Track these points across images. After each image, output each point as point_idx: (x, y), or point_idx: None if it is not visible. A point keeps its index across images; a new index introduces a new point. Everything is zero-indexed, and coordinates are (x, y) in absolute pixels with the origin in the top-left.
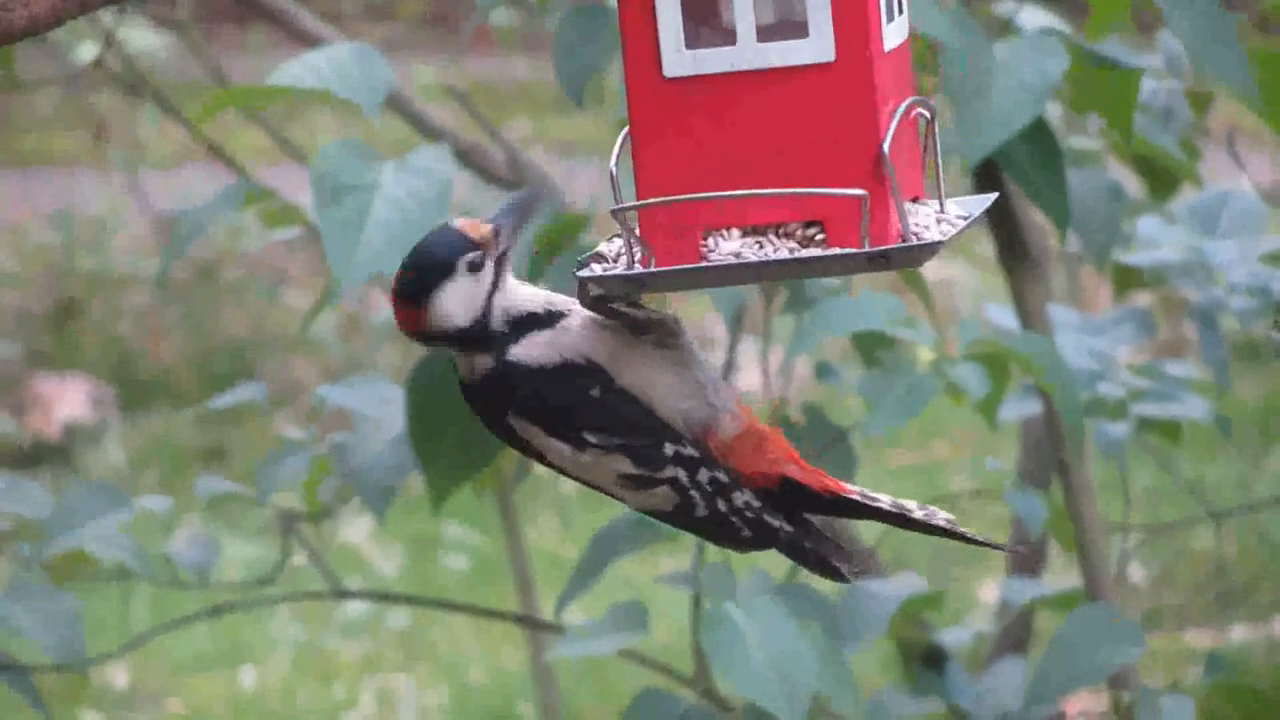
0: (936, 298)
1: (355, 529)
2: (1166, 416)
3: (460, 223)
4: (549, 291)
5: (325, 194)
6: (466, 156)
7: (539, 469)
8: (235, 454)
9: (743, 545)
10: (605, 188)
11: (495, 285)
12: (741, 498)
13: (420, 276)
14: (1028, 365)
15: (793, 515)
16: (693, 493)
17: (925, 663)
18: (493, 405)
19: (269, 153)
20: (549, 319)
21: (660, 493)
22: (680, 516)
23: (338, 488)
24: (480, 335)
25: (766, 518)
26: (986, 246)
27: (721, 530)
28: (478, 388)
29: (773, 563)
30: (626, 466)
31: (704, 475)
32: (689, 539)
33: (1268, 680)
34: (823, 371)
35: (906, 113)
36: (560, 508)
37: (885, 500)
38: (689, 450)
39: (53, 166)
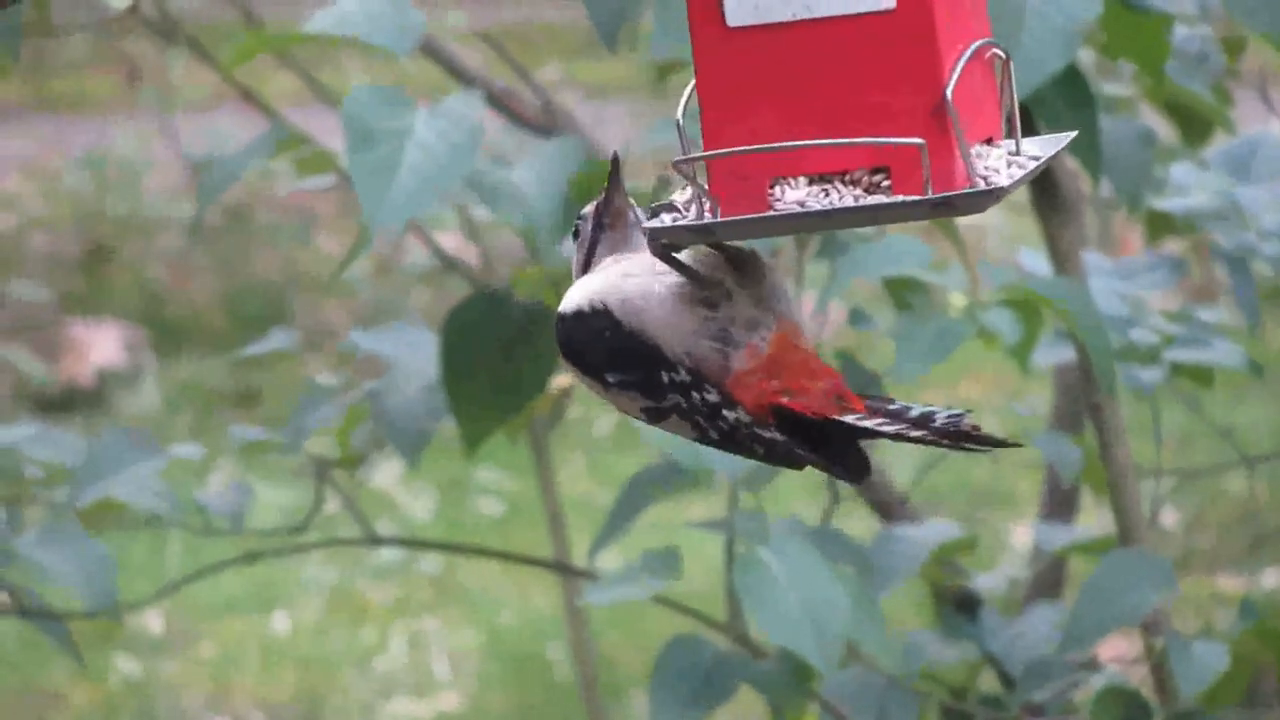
0: (969, 242)
1: (386, 473)
2: (1198, 361)
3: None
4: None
5: (357, 139)
6: (498, 101)
7: (570, 414)
8: (267, 397)
9: (763, 460)
10: (637, 131)
11: (592, 248)
12: (731, 415)
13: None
14: (1060, 310)
15: (794, 429)
16: (696, 417)
17: (958, 607)
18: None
19: (300, 95)
20: (583, 272)
21: (674, 421)
22: (706, 441)
23: (370, 433)
24: None
25: (758, 431)
26: (1019, 191)
27: (740, 448)
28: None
29: (806, 507)
30: (642, 400)
31: (695, 398)
32: (721, 484)
33: None
34: (857, 317)
35: (977, 54)
36: (592, 451)
37: (914, 411)
38: (681, 376)
39: (85, 110)
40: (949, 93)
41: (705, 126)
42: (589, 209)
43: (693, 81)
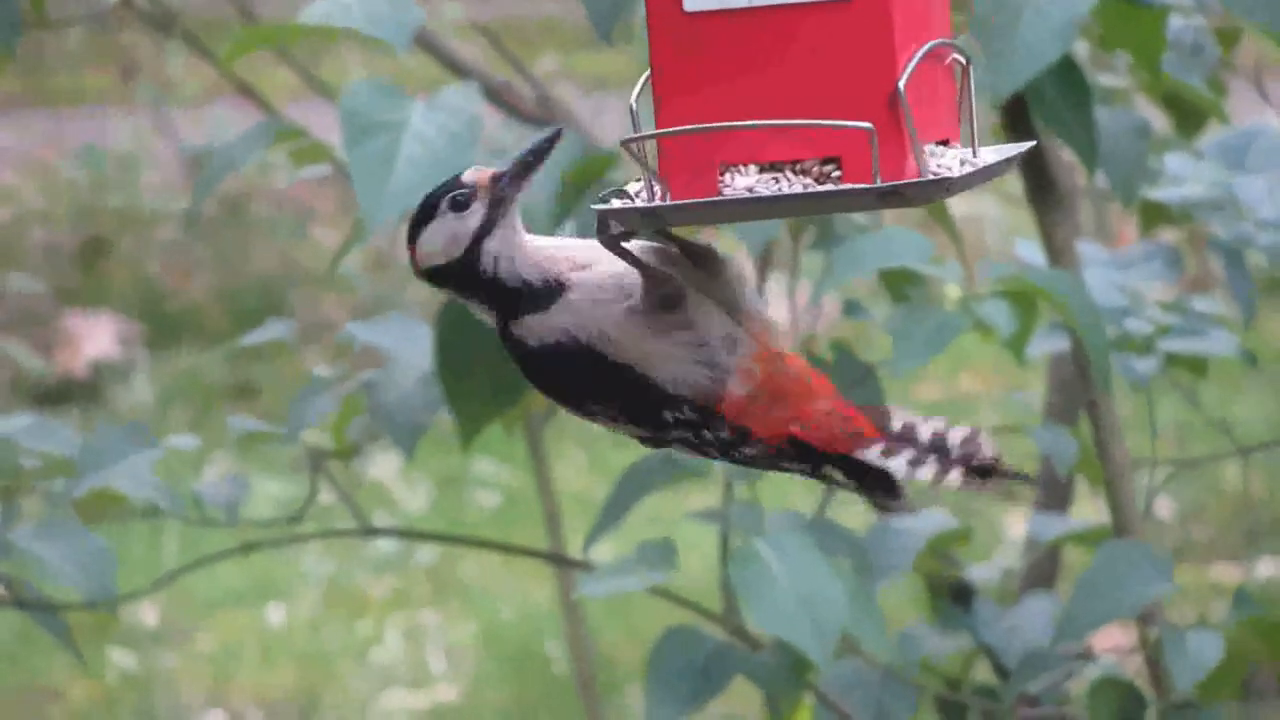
0: (964, 234)
1: (383, 466)
2: (1193, 352)
3: (470, 171)
4: (570, 242)
5: (354, 132)
6: (495, 94)
7: None
8: (264, 391)
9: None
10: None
11: (485, 228)
12: (749, 451)
13: (415, 217)
14: (1055, 302)
15: (811, 458)
16: (704, 449)
17: (953, 599)
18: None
19: (297, 89)
20: (550, 295)
21: (676, 448)
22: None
23: (367, 426)
24: (469, 278)
25: (781, 464)
26: (1014, 183)
27: (763, 467)
28: (502, 340)
29: (801, 499)
30: (635, 430)
31: (707, 436)
32: (717, 476)
33: None
34: (851, 308)
35: (934, 53)
36: (588, 444)
37: (925, 433)
38: (687, 414)
39: (81, 104)
40: (902, 84)
41: (659, 110)
42: (476, 176)
43: (647, 72)
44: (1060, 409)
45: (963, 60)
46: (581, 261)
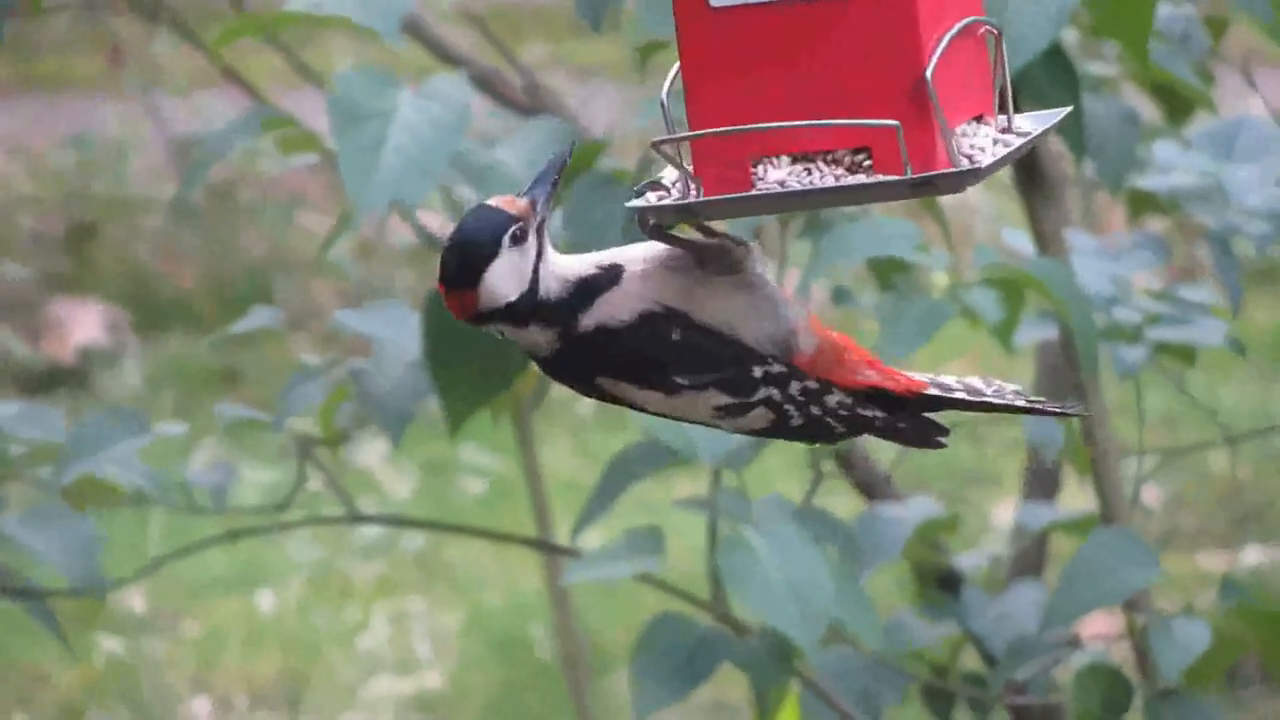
0: (952, 222)
1: (370, 453)
2: (1181, 341)
3: (495, 200)
4: (595, 253)
5: (343, 120)
6: (484, 82)
7: (554, 393)
8: (251, 377)
9: (839, 439)
10: (623, 112)
11: (540, 255)
12: (833, 399)
13: (468, 259)
14: (1043, 290)
15: (886, 405)
16: (787, 407)
17: (940, 586)
18: (578, 372)
19: (286, 76)
20: (610, 278)
21: (757, 414)
22: (776, 430)
23: (354, 412)
24: (531, 307)
25: (860, 411)
26: (1003, 171)
27: (818, 431)
28: (553, 360)
29: (789, 485)
30: (721, 399)
31: (794, 387)
32: (704, 463)
33: None
34: (839, 296)
35: (968, 32)
36: (577, 431)
37: (955, 384)
38: (777, 368)
39: (69, 90)
40: (929, 74)
41: (689, 107)
42: (516, 208)
43: (678, 62)
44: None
45: (994, 31)
46: (614, 257)
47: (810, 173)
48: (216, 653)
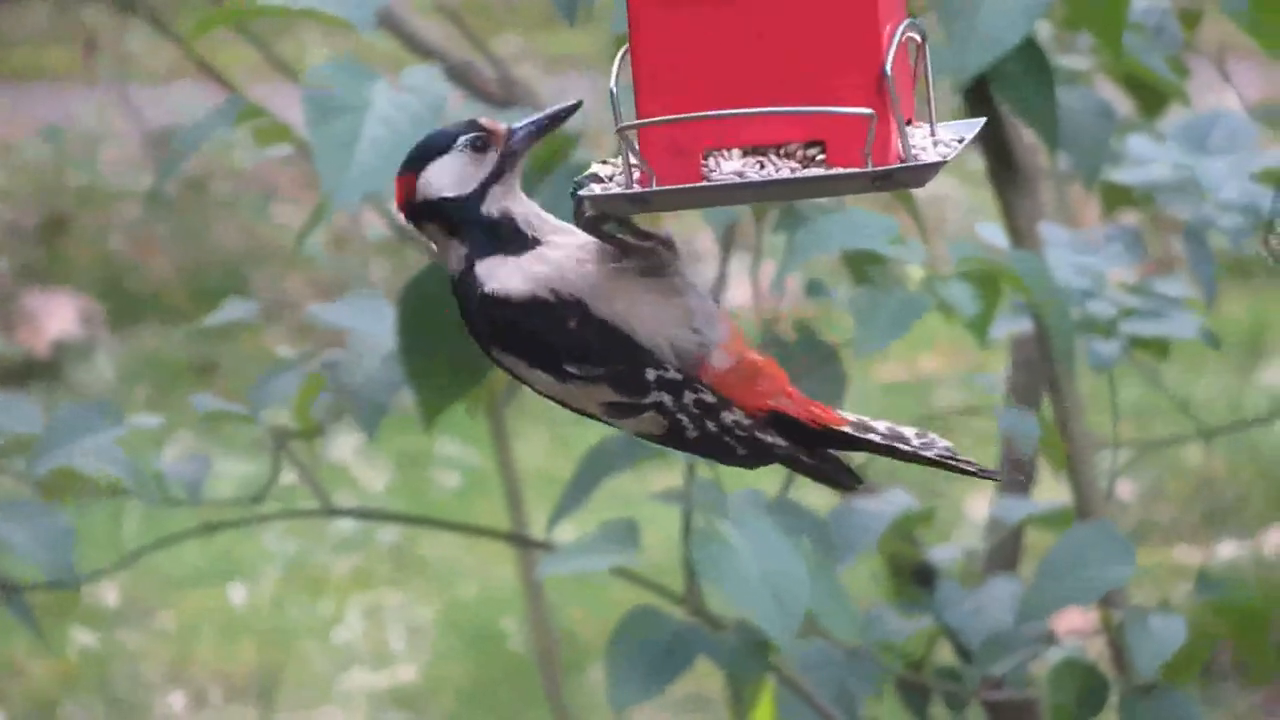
0: (927, 214)
1: (344, 446)
2: (1156, 334)
3: (483, 119)
4: (548, 217)
5: (318, 113)
6: (458, 74)
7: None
8: (226, 369)
9: (742, 462)
10: (596, 104)
11: (495, 175)
12: (730, 416)
13: (421, 148)
14: (1018, 283)
15: (788, 433)
16: (679, 416)
17: (915, 580)
18: (479, 335)
19: (259, 67)
20: (524, 243)
21: (647, 418)
22: (673, 439)
23: (329, 405)
24: (467, 216)
25: (758, 435)
26: (976, 163)
27: (717, 449)
28: (457, 292)
29: (764, 480)
30: (609, 395)
31: (688, 398)
32: (682, 455)
33: (1256, 596)
34: (814, 289)
35: (902, 35)
36: (551, 423)
37: (881, 428)
38: (671, 374)
39: (43, 81)
40: (889, 66)
41: (639, 97)
42: (492, 126)
43: (624, 48)
44: (1023, 390)
45: (918, 39)
46: (552, 231)
47: (763, 165)
48: (191, 645)
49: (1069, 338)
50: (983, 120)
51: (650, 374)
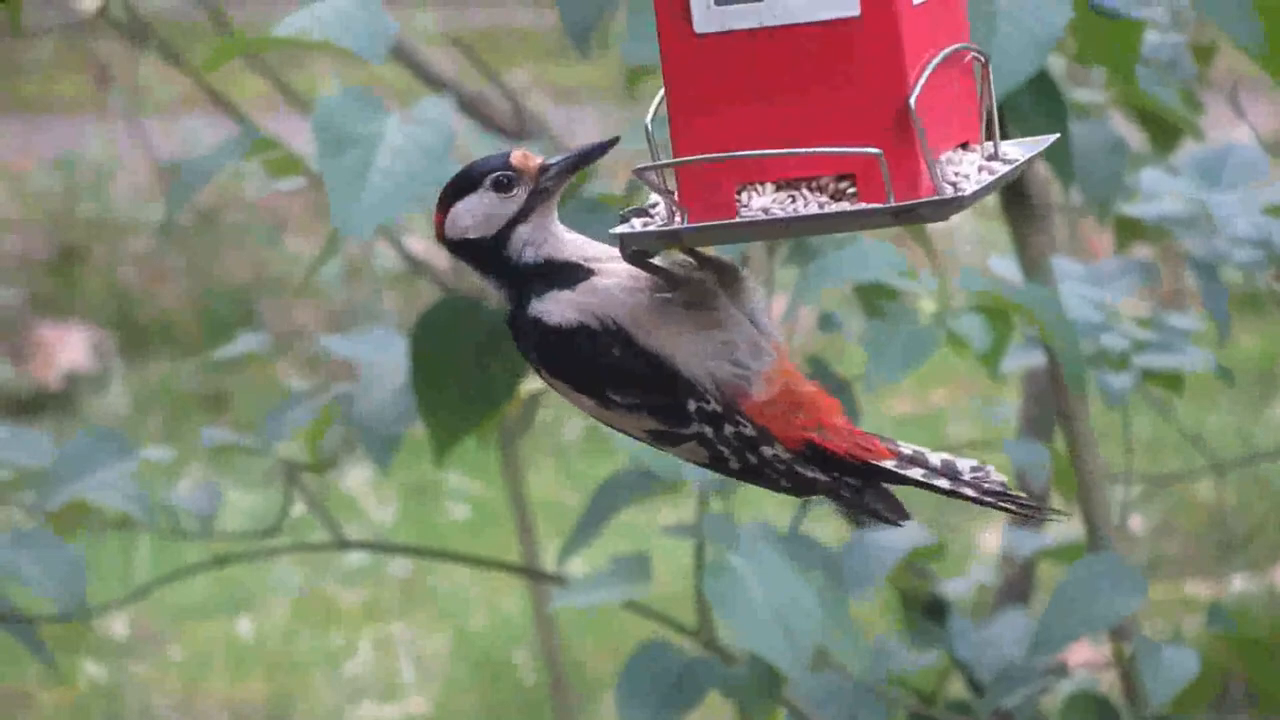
0: (938, 246)
1: (354, 477)
2: (1168, 368)
3: (518, 151)
4: (596, 244)
5: (329, 144)
6: (469, 106)
7: (540, 418)
8: (237, 400)
9: (787, 493)
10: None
11: (523, 213)
12: (770, 450)
13: (453, 184)
14: (1030, 316)
15: (829, 466)
16: (721, 448)
17: (926, 613)
18: (528, 355)
19: (271, 98)
20: (576, 275)
21: (689, 447)
22: (719, 467)
23: (341, 436)
24: (494, 258)
25: (799, 469)
26: (989, 197)
27: (761, 480)
28: (510, 324)
29: (775, 512)
30: (652, 423)
31: (728, 430)
32: (691, 489)
33: (1268, 629)
34: (826, 322)
35: (952, 58)
36: (561, 455)
37: (934, 461)
38: (712, 406)
39: (55, 112)
40: (912, 101)
41: (674, 133)
42: (523, 162)
43: (662, 89)
44: (1035, 423)
45: (981, 59)
46: (599, 259)
47: (794, 199)
48: (201, 677)
49: (1080, 370)
50: (1050, 138)
51: (691, 405)
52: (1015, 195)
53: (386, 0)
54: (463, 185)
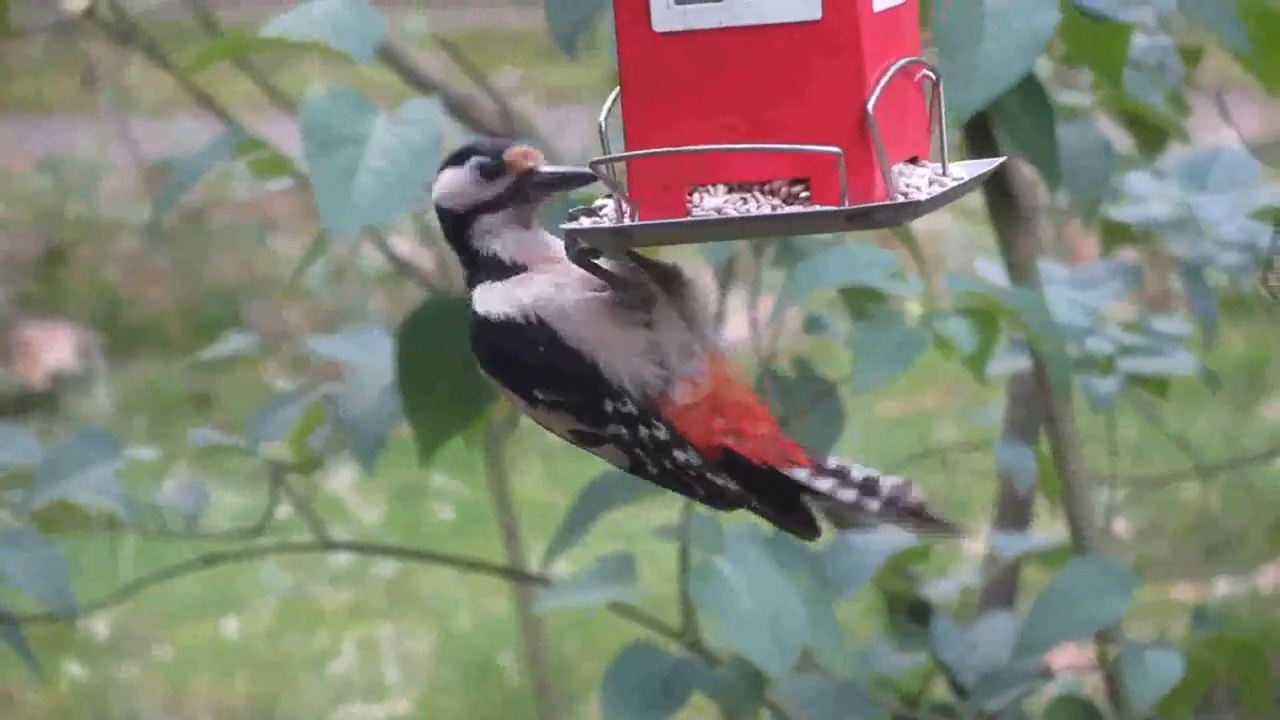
0: (925, 250)
1: (340, 478)
2: (1154, 371)
3: (523, 145)
4: (552, 243)
5: (317, 144)
6: (457, 107)
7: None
8: (223, 401)
9: (704, 501)
10: (596, 138)
11: (494, 204)
12: (682, 456)
13: (456, 152)
14: (1017, 320)
15: (743, 476)
16: (638, 451)
17: (911, 615)
18: (473, 349)
19: (258, 99)
20: (510, 269)
21: (608, 450)
22: (640, 472)
23: (327, 437)
24: (457, 235)
25: (710, 476)
26: (976, 198)
27: (679, 487)
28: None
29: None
30: (573, 422)
31: (643, 433)
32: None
33: (1253, 632)
34: (812, 325)
35: (905, 71)
36: (548, 457)
37: (857, 476)
38: (628, 408)
39: (42, 113)
40: (871, 105)
41: (627, 130)
42: (517, 158)
43: (618, 89)
44: (1020, 425)
45: (932, 76)
46: (542, 260)
47: (746, 201)
48: (186, 677)
49: (1067, 374)
50: (997, 161)
51: (608, 405)
52: (1001, 198)
53: (375, 1)
54: (460, 155)
